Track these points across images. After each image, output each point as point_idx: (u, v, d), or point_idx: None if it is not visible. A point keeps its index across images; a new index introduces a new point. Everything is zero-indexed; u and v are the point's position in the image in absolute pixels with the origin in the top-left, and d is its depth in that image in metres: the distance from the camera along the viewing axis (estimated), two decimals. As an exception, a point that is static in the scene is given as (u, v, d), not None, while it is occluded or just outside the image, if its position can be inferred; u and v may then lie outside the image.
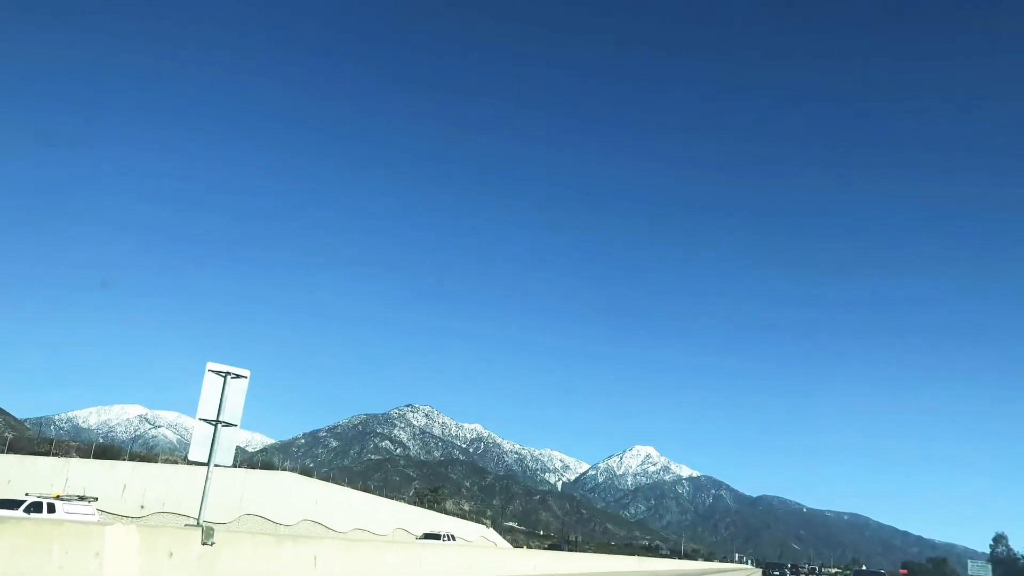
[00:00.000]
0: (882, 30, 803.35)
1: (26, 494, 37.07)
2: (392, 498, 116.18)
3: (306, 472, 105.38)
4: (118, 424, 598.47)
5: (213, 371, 15.68)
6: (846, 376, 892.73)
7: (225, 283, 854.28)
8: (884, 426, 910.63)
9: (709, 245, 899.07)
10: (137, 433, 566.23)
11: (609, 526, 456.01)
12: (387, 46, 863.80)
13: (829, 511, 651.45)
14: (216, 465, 15.60)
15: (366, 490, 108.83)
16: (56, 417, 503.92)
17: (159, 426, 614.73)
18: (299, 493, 77.61)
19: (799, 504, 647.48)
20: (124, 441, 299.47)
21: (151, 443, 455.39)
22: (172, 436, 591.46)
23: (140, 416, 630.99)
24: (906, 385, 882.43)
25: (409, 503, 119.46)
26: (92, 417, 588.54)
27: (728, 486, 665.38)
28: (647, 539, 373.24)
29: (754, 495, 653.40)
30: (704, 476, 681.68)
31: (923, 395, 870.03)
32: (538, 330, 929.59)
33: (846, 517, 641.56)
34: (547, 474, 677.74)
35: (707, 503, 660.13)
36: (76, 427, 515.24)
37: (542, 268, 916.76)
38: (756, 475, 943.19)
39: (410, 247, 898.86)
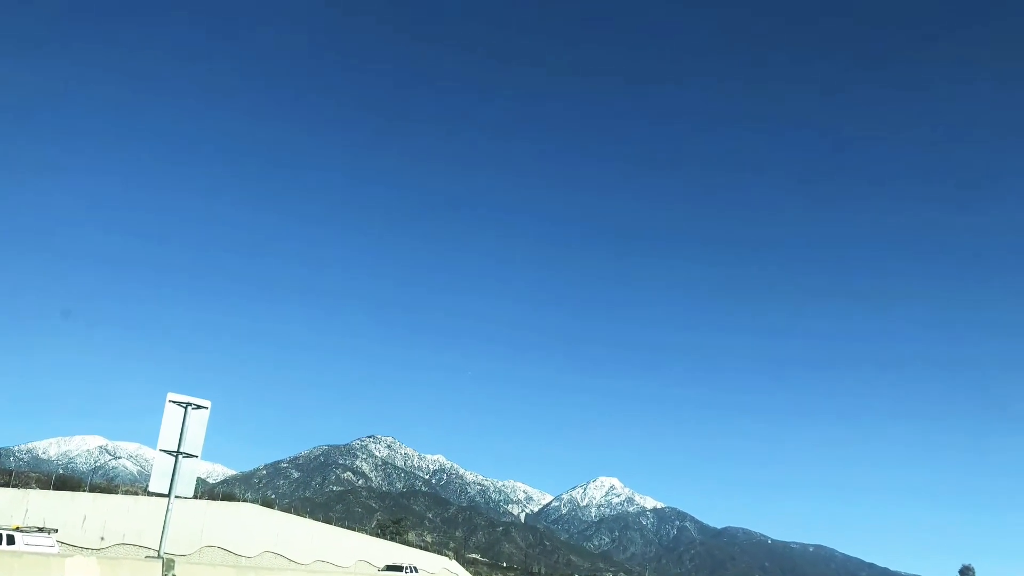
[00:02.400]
0: (853, 60, 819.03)
1: (-16, 525, 37.59)
2: (354, 529, 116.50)
3: (268, 503, 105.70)
4: (78, 455, 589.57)
5: (174, 402, 16.78)
6: (811, 406, 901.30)
7: (187, 313, 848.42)
8: (850, 457, 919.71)
9: (674, 274, 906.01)
10: (97, 464, 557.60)
11: (573, 558, 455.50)
12: (353, 74, 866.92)
13: (794, 543, 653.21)
14: (177, 496, 16.63)
15: (328, 521, 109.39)
16: (15, 448, 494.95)
17: (119, 457, 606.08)
18: (260, 525, 77.72)
19: (764, 536, 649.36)
20: (84, 472, 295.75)
21: (111, 474, 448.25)
22: (133, 467, 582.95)
23: (100, 447, 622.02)
24: (872, 416, 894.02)
25: (371, 535, 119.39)
26: (52, 448, 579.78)
27: (693, 517, 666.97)
28: (611, 571, 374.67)
29: (719, 526, 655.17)
30: (668, 507, 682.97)
31: (889, 426, 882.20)
32: (501, 360, 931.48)
33: (811, 548, 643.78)
34: (510, 505, 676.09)
35: (671, 535, 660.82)
36: (36, 458, 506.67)
37: (505, 298, 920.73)
38: (721, 506, 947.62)
39: (371, 277, 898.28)
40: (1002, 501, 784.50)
